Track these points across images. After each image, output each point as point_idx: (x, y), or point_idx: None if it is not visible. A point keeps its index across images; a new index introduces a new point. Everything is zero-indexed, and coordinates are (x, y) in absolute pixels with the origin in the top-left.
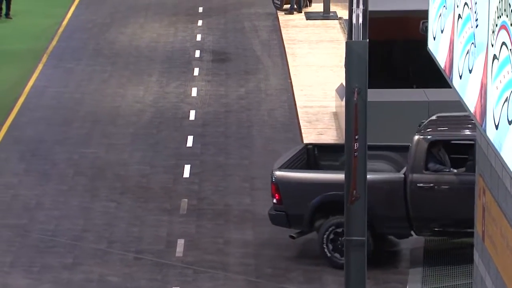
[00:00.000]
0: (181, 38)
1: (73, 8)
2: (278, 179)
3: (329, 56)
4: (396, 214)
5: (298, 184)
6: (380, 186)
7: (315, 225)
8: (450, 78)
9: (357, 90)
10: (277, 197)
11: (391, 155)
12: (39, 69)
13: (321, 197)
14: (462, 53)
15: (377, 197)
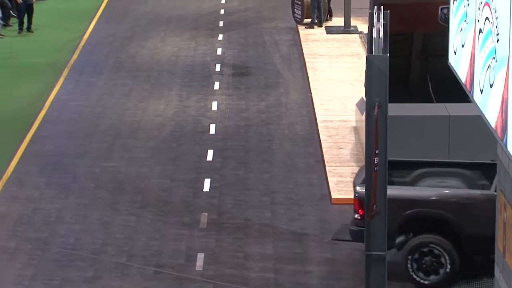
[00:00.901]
0: (202, 52)
1: (94, 22)
2: (362, 195)
3: (349, 71)
4: (486, 232)
5: None
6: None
7: (396, 242)
8: (471, 92)
9: (377, 104)
10: (360, 213)
11: (462, 172)
12: (60, 83)
13: (407, 213)
14: (483, 68)
15: (465, 215)
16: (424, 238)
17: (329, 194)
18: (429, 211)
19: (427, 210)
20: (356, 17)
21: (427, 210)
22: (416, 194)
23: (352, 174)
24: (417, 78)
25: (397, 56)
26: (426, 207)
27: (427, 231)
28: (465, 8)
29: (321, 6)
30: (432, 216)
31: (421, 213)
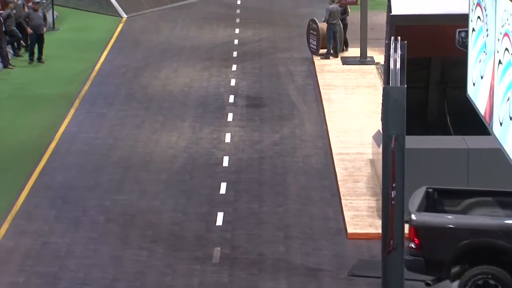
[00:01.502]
0: (215, 83)
1: (106, 53)
2: (419, 223)
3: (366, 102)
4: None
5: (442, 229)
6: None
7: (451, 272)
8: (490, 125)
9: (394, 137)
10: (416, 242)
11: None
12: (71, 114)
13: (463, 243)
14: (503, 100)
15: None
16: (482, 269)
17: (344, 228)
18: (487, 241)
19: (485, 240)
20: (372, 48)
21: (485, 240)
22: (474, 223)
23: (369, 208)
24: (434, 109)
25: (414, 88)
26: (485, 236)
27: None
28: (484, 38)
29: (337, 36)
30: (490, 246)
31: (479, 243)
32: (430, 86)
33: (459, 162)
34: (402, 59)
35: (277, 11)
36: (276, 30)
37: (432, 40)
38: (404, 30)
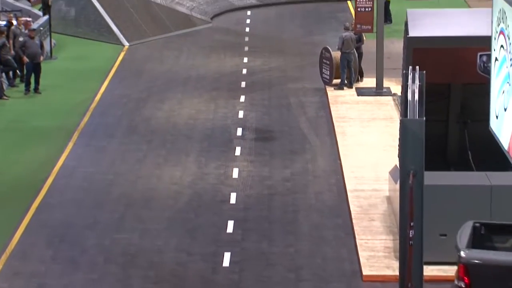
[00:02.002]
0: (222, 115)
1: (107, 82)
2: (469, 261)
3: (382, 135)
4: None
5: (495, 267)
6: None
7: None
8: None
9: (412, 172)
10: (466, 281)
11: None
12: (69, 147)
13: None
14: None
15: None
16: None
17: (360, 270)
18: None
19: None
20: (389, 78)
21: None
22: None
23: (385, 248)
24: (455, 144)
25: (434, 120)
26: None
27: None
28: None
29: (351, 65)
30: None
31: None
32: (450, 119)
33: (481, 199)
34: (420, 90)
35: (288, 39)
36: (287, 59)
37: (451, 65)
38: (422, 53)
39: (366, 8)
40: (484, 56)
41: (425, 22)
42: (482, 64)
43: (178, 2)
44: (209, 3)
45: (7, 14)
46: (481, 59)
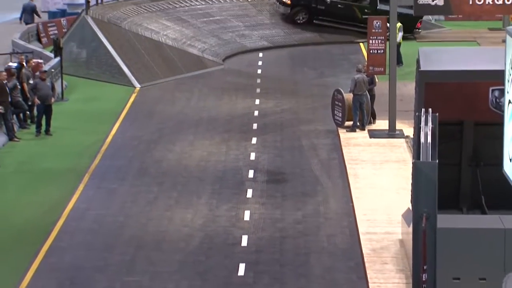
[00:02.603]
0: (234, 157)
1: (118, 124)
2: None
3: (394, 178)
4: None
5: None
6: None
7: None
8: None
9: (425, 215)
10: None
11: None
12: (80, 189)
13: None
14: None
15: None
16: None
17: None
18: None
19: None
20: (402, 120)
21: None
22: None
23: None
24: (468, 187)
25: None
26: None
27: None
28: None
29: (363, 107)
30: None
31: None
32: (462, 162)
33: (495, 242)
34: (433, 132)
35: (300, 81)
36: (299, 100)
37: (463, 100)
38: (434, 88)
39: (379, 50)
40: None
41: (437, 58)
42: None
43: (190, 44)
44: (220, 45)
45: (18, 56)
46: (493, 94)
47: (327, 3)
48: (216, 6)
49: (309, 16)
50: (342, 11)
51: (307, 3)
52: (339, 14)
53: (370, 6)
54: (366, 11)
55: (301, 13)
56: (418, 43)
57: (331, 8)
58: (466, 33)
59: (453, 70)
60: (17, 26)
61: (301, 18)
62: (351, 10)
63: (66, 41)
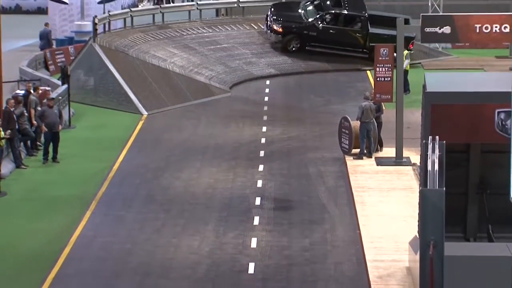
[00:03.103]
0: (241, 184)
1: (125, 152)
2: None
3: (402, 206)
4: None
5: None
6: None
7: None
8: None
9: (432, 243)
10: None
11: None
12: (87, 217)
13: None
14: None
15: None
16: None
17: None
18: None
19: None
20: (409, 148)
21: None
22: None
23: None
24: (475, 215)
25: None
26: None
27: None
28: None
29: (370, 135)
30: None
31: None
32: (469, 190)
33: (502, 270)
34: (440, 160)
35: (306, 108)
36: (306, 128)
37: (470, 122)
38: (440, 110)
39: (386, 78)
40: (502, 113)
41: (443, 81)
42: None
43: (197, 71)
44: (228, 72)
45: (25, 84)
46: (499, 117)
47: (319, 29)
48: (223, 34)
49: (301, 43)
50: (334, 36)
51: (299, 31)
52: (331, 39)
53: (361, 30)
54: (357, 35)
55: (293, 41)
56: (425, 70)
57: (323, 34)
58: (473, 61)
59: (459, 91)
60: (25, 54)
61: (294, 46)
62: (343, 35)
63: (73, 69)
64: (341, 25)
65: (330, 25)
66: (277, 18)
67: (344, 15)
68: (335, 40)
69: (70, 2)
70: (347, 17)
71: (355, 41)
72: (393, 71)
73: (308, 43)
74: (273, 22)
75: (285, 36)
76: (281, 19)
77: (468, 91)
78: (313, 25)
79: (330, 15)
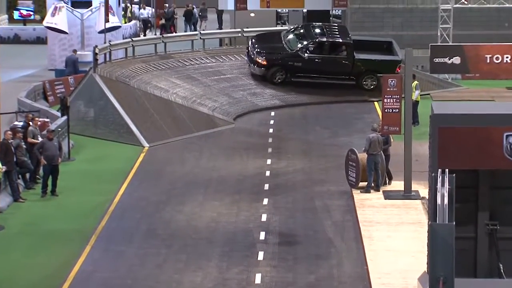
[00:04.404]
0: (244, 218)
1: (126, 185)
2: None
3: (410, 241)
4: None
5: None
6: None
7: None
8: None
9: (442, 279)
10: None
11: None
12: (86, 251)
13: None
14: None
15: None
16: None
17: None
18: None
19: None
20: (417, 181)
21: None
22: None
23: None
24: (485, 249)
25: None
26: None
27: None
28: None
29: (378, 168)
30: None
31: None
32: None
33: None
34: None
35: (312, 141)
36: (312, 161)
37: (478, 146)
38: (447, 133)
39: (394, 109)
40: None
41: (451, 106)
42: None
43: (200, 102)
44: (231, 103)
45: (24, 115)
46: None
47: (305, 59)
48: (226, 64)
49: (286, 74)
50: (320, 65)
51: (283, 62)
52: (317, 69)
53: (347, 57)
54: (344, 62)
55: (278, 73)
56: (434, 101)
57: (308, 64)
58: (484, 92)
59: (467, 113)
60: (24, 85)
61: (279, 78)
62: (330, 63)
63: (73, 100)
64: (326, 53)
65: (315, 54)
66: (260, 51)
67: (330, 43)
68: (321, 69)
69: (70, 31)
70: (333, 44)
71: (342, 68)
72: (401, 102)
73: (293, 74)
74: (256, 55)
75: (270, 69)
76: (265, 51)
77: (476, 113)
78: (298, 55)
79: (314, 43)
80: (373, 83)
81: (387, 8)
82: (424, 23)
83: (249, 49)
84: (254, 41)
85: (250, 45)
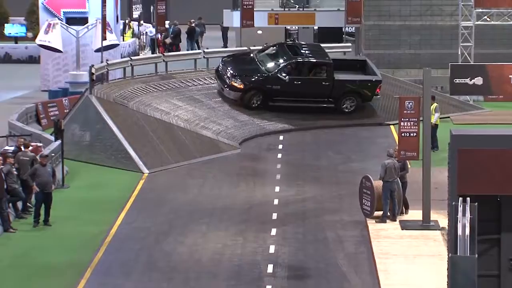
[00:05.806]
0: (251, 250)
1: (124, 214)
2: None
3: (429, 274)
4: None
5: None
6: None
7: None
8: None
9: None
10: None
11: None
12: (81, 286)
13: None
14: None
15: None
16: None
17: None
18: None
19: None
20: (437, 210)
21: None
22: None
23: None
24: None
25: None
26: None
27: None
28: None
29: (394, 196)
30: None
31: None
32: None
33: None
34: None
35: (324, 167)
36: (323, 188)
37: (500, 170)
38: (468, 155)
39: (411, 133)
40: None
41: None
42: None
43: (203, 125)
44: (237, 127)
45: (16, 139)
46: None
47: (284, 81)
48: None
49: (264, 98)
50: (300, 87)
51: (260, 85)
52: (297, 91)
53: (327, 78)
54: (324, 83)
55: (255, 97)
56: (454, 125)
57: (288, 86)
58: (508, 115)
59: (489, 134)
60: (15, 107)
61: (256, 102)
62: (309, 85)
63: (68, 123)
64: (305, 74)
65: (294, 76)
66: (234, 73)
67: (311, 64)
68: (301, 91)
69: (65, 50)
70: (312, 65)
71: (322, 90)
72: (419, 125)
73: (271, 97)
74: (231, 78)
75: (247, 93)
76: (240, 74)
77: (498, 134)
78: (277, 78)
79: (292, 64)
80: (352, 104)
81: (403, 25)
82: (444, 41)
83: (220, 71)
84: (226, 63)
85: (221, 67)
